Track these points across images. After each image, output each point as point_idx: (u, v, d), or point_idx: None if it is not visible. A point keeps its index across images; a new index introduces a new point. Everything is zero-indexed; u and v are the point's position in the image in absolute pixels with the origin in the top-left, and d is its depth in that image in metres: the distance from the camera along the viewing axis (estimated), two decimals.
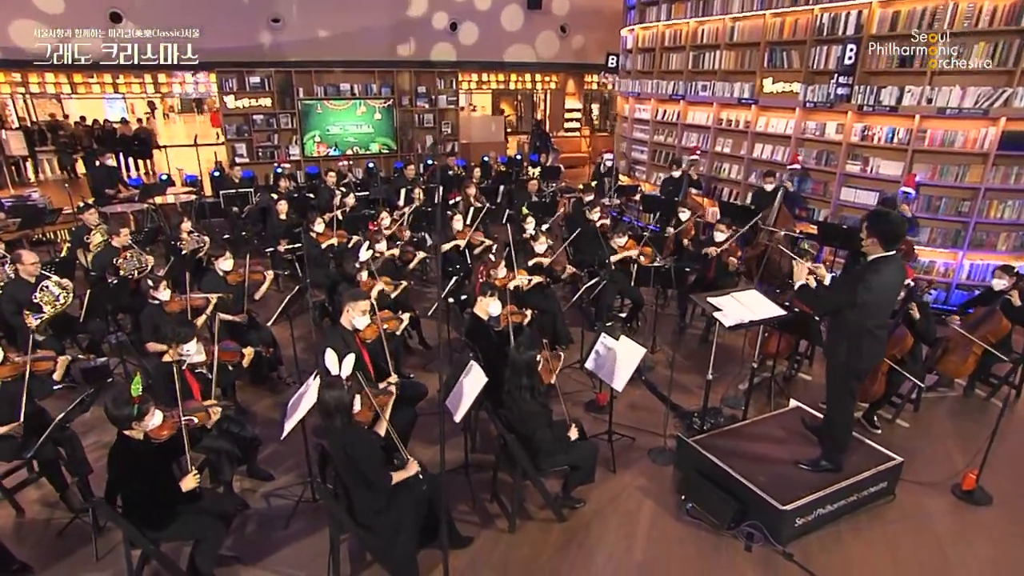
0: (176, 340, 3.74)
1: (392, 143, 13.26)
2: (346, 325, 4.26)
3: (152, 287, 4.75)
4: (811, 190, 8.19)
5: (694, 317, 7.05)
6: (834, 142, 7.77)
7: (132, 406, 2.98)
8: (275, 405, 5.22)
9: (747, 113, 9.05)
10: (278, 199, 7.62)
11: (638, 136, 11.75)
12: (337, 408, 3.23)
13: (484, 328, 4.65)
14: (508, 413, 3.80)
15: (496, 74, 19.14)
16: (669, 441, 4.74)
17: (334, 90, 12.58)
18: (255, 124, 12.16)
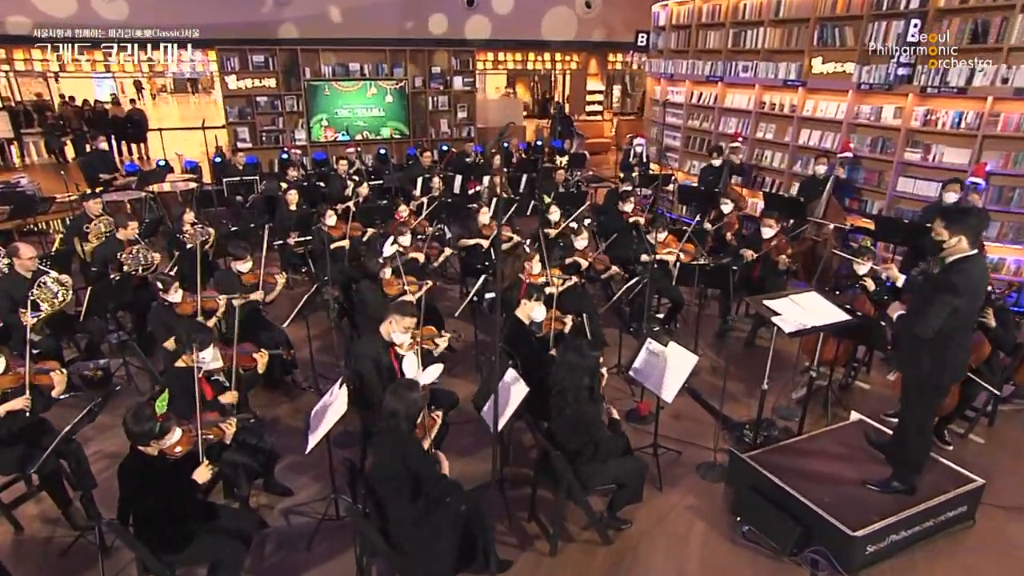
0: (190, 346, 3.67)
1: (405, 128, 13.18)
2: (384, 335, 4.18)
3: (162, 289, 4.69)
4: (863, 180, 8.01)
5: (737, 319, 6.94)
6: (891, 127, 7.58)
7: (154, 423, 2.92)
8: (292, 412, 5.16)
9: (793, 96, 8.86)
10: (287, 188, 7.54)
11: (671, 121, 11.55)
12: (408, 414, 3.17)
13: (525, 333, 4.57)
14: (555, 423, 3.71)
15: (514, 53, 19.02)
16: (719, 456, 4.64)
17: (343, 70, 12.51)
18: (258, 106, 12.12)
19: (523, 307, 4.59)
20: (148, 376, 4.83)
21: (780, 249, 6.23)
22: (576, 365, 3.60)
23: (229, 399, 3.88)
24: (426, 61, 13.08)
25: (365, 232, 6.86)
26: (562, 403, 3.65)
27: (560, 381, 3.66)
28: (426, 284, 5.53)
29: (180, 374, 3.73)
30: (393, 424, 3.18)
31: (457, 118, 13.74)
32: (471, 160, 11.10)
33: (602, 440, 3.65)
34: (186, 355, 3.75)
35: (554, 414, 3.75)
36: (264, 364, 4.19)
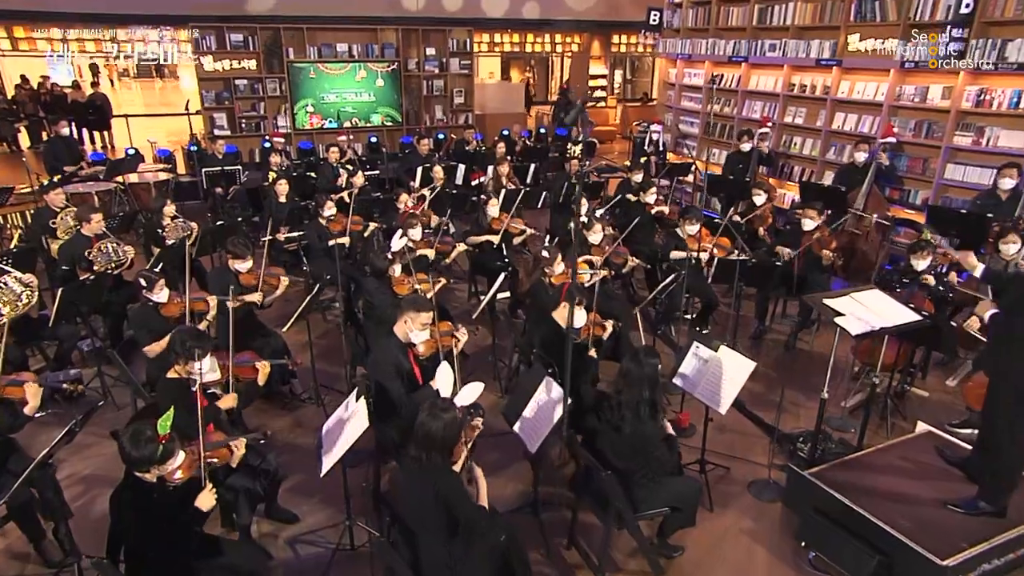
0: (187, 356, 3.42)
1: (397, 114, 12.94)
2: (399, 336, 3.97)
3: (146, 287, 4.44)
4: (906, 167, 7.87)
5: (774, 319, 6.78)
6: (939, 109, 7.44)
7: (156, 445, 2.68)
8: (292, 426, 4.93)
9: (826, 76, 8.71)
10: (277, 178, 7.29)
11: (687, 105, 11.41)
12: (445, 440, 2.96)
13: (562, 339, 4.36)
14: (605, 439, 3.50)
15: (511, 35, 18.84)
16: (773, 472, 4.45)
17: (329, 51, 12.25)
18: (237, 90, 11.84)
19: (562, 310, 4.40)
20: (130, 389, 4.56)
21: (823, 243, 6.05)
22: (635, 376, 3.40)
23: (229, 403, 3.65)
24: (420, 41, 12.84)
25: (366, 226, 6.63)
26: (618, 419, 3.44)
27: (616, 394, 3.45)
28: (439, 282, 5.32)
29: (172, 387, 3.49)
30: (425, 451, 2.97)
31: (453, 104, 13.52)
32: (471, 148, 10.89)
33: (660, 461, 3.44)
34: (179, 365, 3.50)
35: (605, 429, 3.55)
36: (266, 376, 3.95)
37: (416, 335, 3.98)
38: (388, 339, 4.05)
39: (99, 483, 4.31)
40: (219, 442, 3.18)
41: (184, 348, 3.43)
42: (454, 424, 2.98)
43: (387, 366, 3.87)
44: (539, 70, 22.99)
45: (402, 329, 4.00)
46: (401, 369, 3.92)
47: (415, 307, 3.97)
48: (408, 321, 3.96)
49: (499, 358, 5.62)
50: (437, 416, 2.96)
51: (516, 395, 3.99)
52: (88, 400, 5.11)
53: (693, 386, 4.19)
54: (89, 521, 3.94)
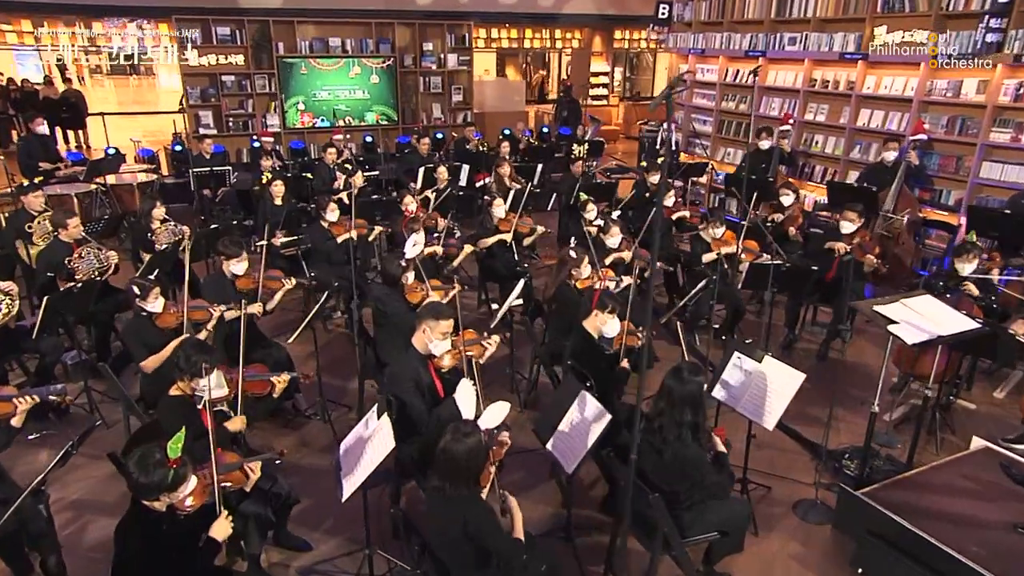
0: (193, 372, 3.27)
1: (393, 113, 12.81)
2: (419, 348, 3.82)
3: (139, 295, 4.27)
4: (937, 166, 7.80)
5: (804, 327, 6.68)
6: (973, 105, 7.38)
7: (167, 471, 2.52)
8: (297, 444, 4.77)
9: (851, 71, 8.65)
10: (272, 180, 7.14)
11: (699, 103, 11.35)
12: (469, 467, 2.84)
13: (594, 349, 4.25)
14: (647, 460, 3.36)
15: (509, 30, 18.78)
16: (819, 492, 4.33)
17: (321, 45, 12.12)
18: (224, 87, 11.68)
19: (594, 319, 4.29)
20: (121, 405, 4.39)
21: (865, 247, 5.95)
22: (677, 394, 3.27)
23: (237, 425, 3.49)
24: (417, 36, 12.74)
25: (371, 229, 6.50)
26: (658, 442, 3.30)
27: (657, 415, 3.31)
28: (454, 288, 5.19)
29: (175, 406, 3.33)
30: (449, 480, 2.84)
31: (452, 102, 13.41)
32: (472, 148, 10.79)
33: (709, 485, 3.30)
34: (183, 381, 3.34)
35: (644, 449, 3.40)
36: (282, 390, 3.79)
37: (436, 345, 3.84)
38: (406, 351, 3.91)
39: (90, 509, 4.14)
40: (232, 464, 3.02)
41: (190, 363, 3.27)
42: (478, 449, 2.85)
43: (406, 380, 3.73)
44: (535, 67, 22.98)
45: (421, 339, 3.86)
46: (421, 383, 3.78)
47: (434, 315, 3.84)
48: (427, 330, 3.83)
49: (517, 370, 5.49)
50: (460, 441, 2.83)
51: (548, 411, 3.85)
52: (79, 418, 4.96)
53: (735, 400, 4.06)
54: (81, 551, 3.77)
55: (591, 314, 4.29)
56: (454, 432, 2.88)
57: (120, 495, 4.25)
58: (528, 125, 14.06)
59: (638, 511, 3.50)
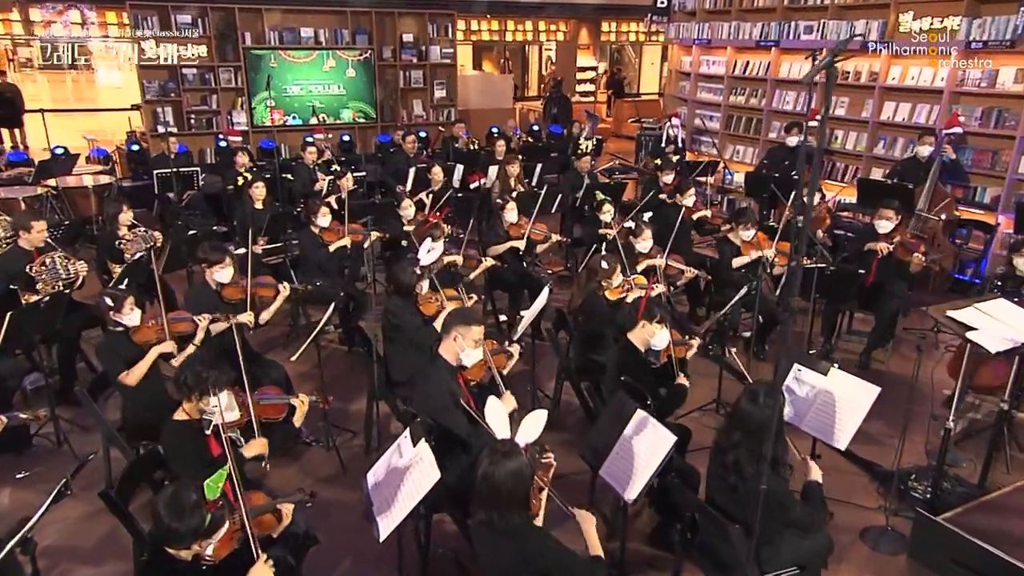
0: (202, 391, 3.04)
1: (371, 109, 12.62)
2: (448, 358, 3.66)
3: (112, 306, 4.02)
4: (971, 162, 7.83)
5: (839, 336, 6.61)
6: (1011, 95, 7.42)
7: (203, 515, 2.30)
8: (299, 475, 4.54)
9: (874, 62, 8.68)
10: (253, 180, 6.91)
11: (705, 98, 11.35)
12: (515, 492, 2.66)
13: (641, 364, 4.10)
14: (719, 493, 3.20)
15: (489, 21, 18.74)
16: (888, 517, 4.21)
17: (292, 36, 11.89)
18: (185, 81, 11.38)
19: (641, 330, 4.15)
20: (101, 435, 4.11)
21: (909, 245, 5.90)
22: (754, 420, 3.09)
23: (257, 449, 3.28)
24: (396, 27, 12.58)
25: (367, 236, 6.30)
26: (733, 477, 3.13)
27: (731, 446, 3.15)
28: (471, 299, 5.03)
29: (182, 433, 3.10)
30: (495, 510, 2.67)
31: (434, 98, 13.26)
32: (461, 146, 10.64)
33: (795, 521, 3.14)
34: (189, 402, 3.12)
35: (715, 480, 3.25)
36: (304, 414, 3.58)
37: (468, 355, 3.71)
38: (434, 364, 3.74)
39: (66, 556, 3.87)
40: (264, 506, 2.81)
41: (199, 380, 3.06)
42: (522, 470, 2.68)
43: (443, 397, 3.55)
44: (514, 62, 22.95)
45: (451, 349, 3.70)
46: (457, 398, 3.61)
47: (465, 321, 3.71)
48: (458, 338, 3.68)
49: (539, 387, 5.31)
50: (499, 463, 2.66)
51: (599, 433, 3.68)
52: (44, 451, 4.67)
53: (799, 417, 3.93)
54: None
55: (637, 325, 4.13)
56: (491, 455, 2.72)
57: (100, 539, 4.00)
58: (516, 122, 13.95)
59: (707, 545, 3.35)
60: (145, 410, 4.02)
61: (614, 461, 3.48)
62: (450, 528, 3.98)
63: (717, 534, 3.24)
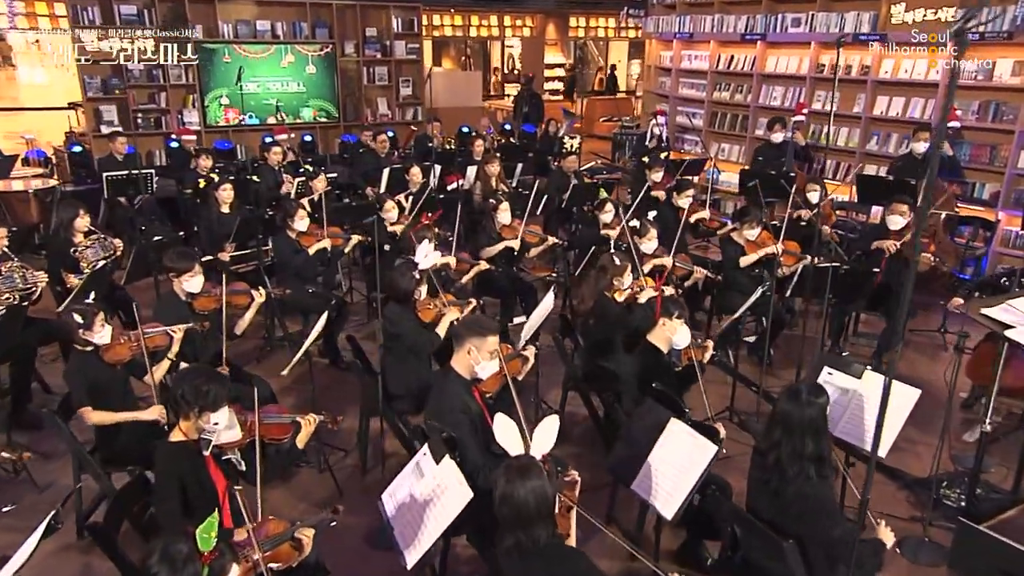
0: (203, 406, 2.88)
1: (333, 108, 12.42)
2: (461, 371, 3.55)
3: (82, 324, 3.82)
4: (968, 157, 7.98)
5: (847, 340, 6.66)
6: (1009, 88, 7.61)
7: (200, 568, 2.14)
8: (290, 499, 4.36)
9: (865, 55, 8.82)
10: (220, 183, 6.71)
11: (687, 94, 11.42)
12: (540, 510, 2.55)
13: (663, 367, 4.03)
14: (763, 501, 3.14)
15: (452, 16, 18.66)
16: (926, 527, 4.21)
17: (248, 29, 11.64)
18: (131, 77, 11.04)
19: (661, 329, 4.08)
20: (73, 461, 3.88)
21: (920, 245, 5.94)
22: (796, 420, 3.04)
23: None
24: (359, 20, 12.42)
25: (347, 240, 6.15)
26: (775, 480, 3.07)
27: (771, 447, 3.09)
28: (470, 304, 4.92)
29: (178, 455, 2.92)
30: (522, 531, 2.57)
31: (400, 96, 13.12)
32: (435, 146, 10.53)
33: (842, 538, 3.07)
34: (187, 420, 2.95)
35: (756, 488, 3.19)
36: (308, 434, 3.41)
37: (484, 367, 3.60)
38: (447, 378, 3.62)
39: None
40: (281, 535, 2.64)
41: (197, 394, 2.90)
42: (544, 486, 2.58)
43: (456, 414, 3.43)
44: (475, 59, 22.88)
45: (465, 362, 3.59)
46: (472, 415, 3.49)
47: (479, 332, 3.61)
48: (472, 350, 3.58)
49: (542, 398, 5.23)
50: (517, 482, 2.57)
51: (627, 443, 3.60)
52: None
53: (832, 423, 3.88)
54: None
55: (657, 325, 4.07)
56: (507, 473, 2.62)
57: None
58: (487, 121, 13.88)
59: (750, 563, 3.29)
60: (120, 432, 3.82)
61: (648, 475, 3.40)
62: (464, 552, 3.87)
63: (763, 550, 3.17)
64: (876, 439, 2.65)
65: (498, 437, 3.01)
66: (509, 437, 2.99)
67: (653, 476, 3.37)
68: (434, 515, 2.87)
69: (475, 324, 3.71)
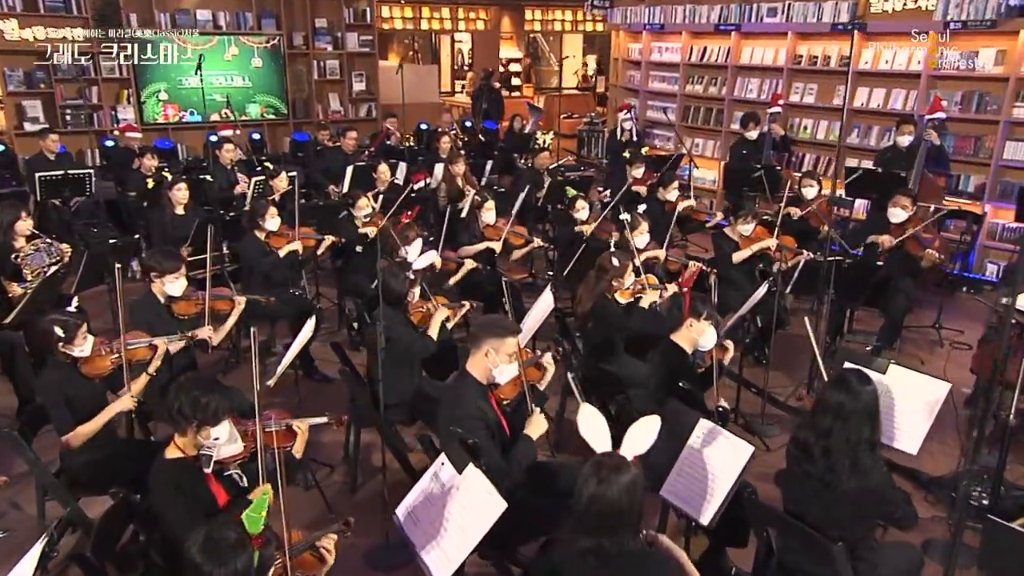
0: (203, 420, 2.76)
1: (281, 104, 12.20)
2: (477, 375, 3.48)
3: (63, 337, 3.63)
4: (952, 148, 8.19)
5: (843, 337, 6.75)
6: (992, 77, 7.84)
7: (251, 554, 2.03)
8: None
9: (844, 44, 9.01)
10: (174, 182, 6.51)
11: (658, 87, 11.53)
12: (630, 512, 2.54)
13: (687, 368, 4.02)
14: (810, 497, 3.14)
15: (403, 8, 18.53)
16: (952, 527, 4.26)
17: (187, 19, 11.37)
18: (58, 70, 10.66)
19: (688, 329, 4.08)
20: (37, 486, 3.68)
21: (922, 242, 6.08)
22: (849, 410, 3.05)
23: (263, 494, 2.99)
24: (308, 11, 12.24)
25: (320, 240, 6.01)
26: (827, 472, 3.07)
27: (822, 435, 3.09)
28: (463, 306, 4.85)
29: (180, 472, 2.80)
30: (607, 534, 2.51)
31: (353, 91, 12.96)
32: (395, 144, 10.44)
33: (900, 518, 3.10)
34: (185, 436, 2.81)
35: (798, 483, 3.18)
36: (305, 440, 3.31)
37: (502, 371, 3.53)
38: (461, 382, 3.53)
39: None
40: (303, 544, 2.55)
41: (196, 407, 2.78)
42: (636, 483, 2.54)
43: (473, 420, 3.35)
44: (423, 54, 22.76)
45: (482, 366, 3.51)
46: (490, 423, 3.41)
47: (498, 332, 3.53)
48: (490, 353, 3.50)
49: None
50: (610, 480, 2.51)
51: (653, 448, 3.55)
52: None
53: None
54: None
55: (684, 325, 4.06)
56: (598, 471, 2.55)
57: None
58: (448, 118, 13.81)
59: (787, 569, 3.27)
60: (90, 452, 3.64)
61: (678, 480, 3.37)
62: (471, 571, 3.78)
63: (804, 553, 3.16)
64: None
65: (582, 430, 2.95)
66: (596, 431, 2.93)
67: (685, 481, 3.34)
68: (463, 528, 2.79)
69: (493, 324, 3.65)
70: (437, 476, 3.03)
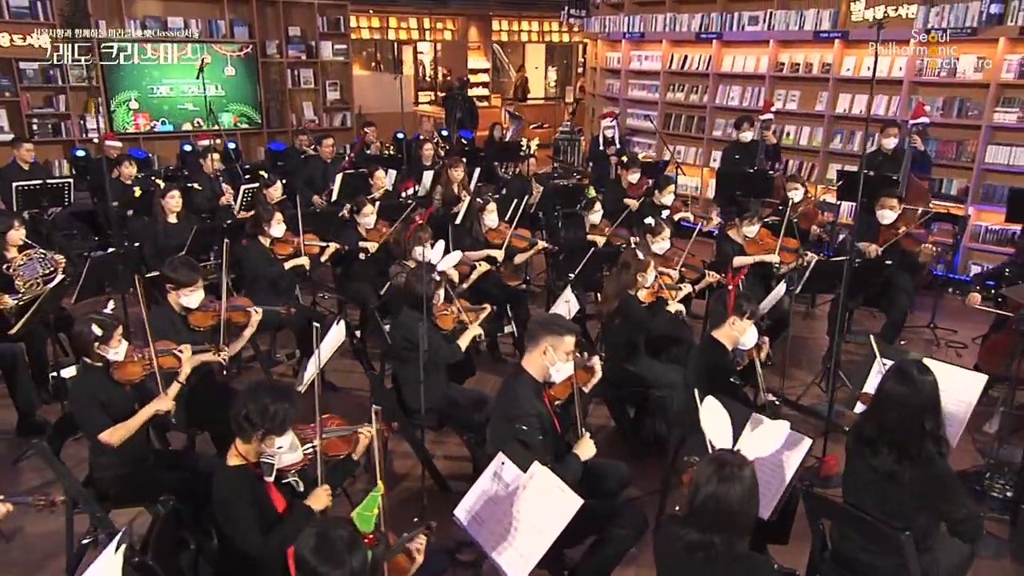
0: (269, 429, 2.74)
1: (255, 113, 12.05)
2: (534, 373, 3.47)
3: (99, 337, 3.52)
4: (935, 153, 8.40)
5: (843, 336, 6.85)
6: (972, 83, 8.06)
7: (364, 553, 1.97)
8: None
9: (827, 52, 9.21)
10: (167, 190, 6.38)
11: (638, 95, 11.65)
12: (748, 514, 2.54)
13: (728, 365, 4.03)
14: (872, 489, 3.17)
15: (370, 18, 18.47)
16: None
17: (158, 25, 11.17)
18: (24, 78, 10.39)
19: (730, 327, 4.09)
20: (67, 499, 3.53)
21: (917, 238, 6.22)
22: (911, 401, 3.08)
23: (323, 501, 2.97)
24: (282, 19, 12.13)
25: (323, 248, 5.93)
26: (891, 464, 3.10)
27: (881, 430, 3.12)
28: (484, 309, 4.83)
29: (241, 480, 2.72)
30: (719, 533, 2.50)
31: (327, 100, 12.86)
32: (375, 152, 10.40)
33: (969, 522, 3.12)
34: (248, 444, 2.74)
35: (859, 476, 3.21)
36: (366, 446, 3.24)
37: (560, 369, 3.53)
38: (517, 379, 3.52)
39: None
40: (395, 546, 2.52)
41: (264, 415, 2.72)
42: (756, 487, 2.54)
43: (529, 418, 3.33)
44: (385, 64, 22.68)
45: (539, 363, 3.51)
46: (544, 421, 3.40)
47: (557, 330, 3.53)
48: (548, 351, 3.50)
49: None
50: (732, 479, 2.49)
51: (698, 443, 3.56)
52: None
53: None
54: None
55: (727, 322, 4.08)
56: (720, 469, 2.52)
57: None
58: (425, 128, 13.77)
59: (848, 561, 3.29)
60: (121, 463, 3.53)
61: None
62: None
63: (864, 545, 3.19)
64: None
65: (705, 425, 2.93)
66: (719, 427, 2.90)
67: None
68: (535, 527, 2.77)
69: (552, 322, 3.65)
70: (499, 476, 3.01)
